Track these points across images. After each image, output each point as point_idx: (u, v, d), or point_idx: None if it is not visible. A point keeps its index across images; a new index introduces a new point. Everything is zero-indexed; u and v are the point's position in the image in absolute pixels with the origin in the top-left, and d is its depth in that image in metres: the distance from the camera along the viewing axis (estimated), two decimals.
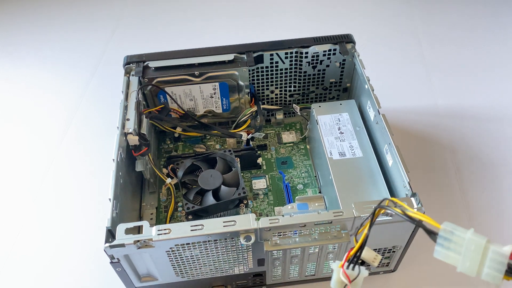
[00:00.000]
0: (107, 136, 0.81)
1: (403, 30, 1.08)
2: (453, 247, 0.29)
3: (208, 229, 0.48)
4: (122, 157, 0.59)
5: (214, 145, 0.78)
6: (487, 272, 0.29)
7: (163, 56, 0.71)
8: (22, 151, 0.84)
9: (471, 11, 1.13)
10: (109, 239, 0.48)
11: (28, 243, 0.69)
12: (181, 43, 1.00)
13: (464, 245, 0.29)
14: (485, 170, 0.76)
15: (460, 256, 0.29)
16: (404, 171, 0.54)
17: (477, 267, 0.29)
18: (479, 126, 0.84)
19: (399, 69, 0.97)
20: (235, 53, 0.70)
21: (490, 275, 0.29)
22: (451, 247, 0.29)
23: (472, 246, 0.29)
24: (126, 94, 0.66)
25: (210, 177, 0.64)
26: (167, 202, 0.70)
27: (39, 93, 0.96)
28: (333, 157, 0.63)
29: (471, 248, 0.29)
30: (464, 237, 0.29)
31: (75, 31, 1.14)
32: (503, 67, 0.96)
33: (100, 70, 1.01)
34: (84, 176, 0.78)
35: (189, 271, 0.55)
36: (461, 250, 0.29)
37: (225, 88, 0.72)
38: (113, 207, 0.51)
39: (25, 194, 0.76)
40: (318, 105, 0.71)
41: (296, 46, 0.71)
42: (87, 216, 0.71)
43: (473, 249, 0.29)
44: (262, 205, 0.69)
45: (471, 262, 0.29)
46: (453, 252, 0.29)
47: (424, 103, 0.89)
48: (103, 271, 0.62)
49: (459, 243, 0.29)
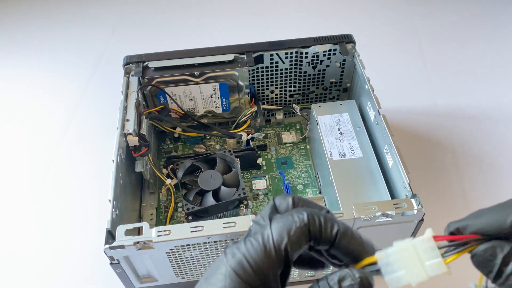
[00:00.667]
0: (107, 137, 0.81)
1: (403, 30, 1.08)
2: (396, 267, 0.29)
3: (208, 231, 0.48)
4: (122, 157, 0.59)
5: (214, 146, 0.78)
6: (429, 265, 0.28)
7: (163, 56, 0.70)
8: (22, 151, 0.84)
9: (471, 11, 1.13)
10: (109, 240, 0.48)
11: (28, 243, 0.69)
12: (181, 43, 1.00)
13: (400, 257, 0.29)
14: (485, 170, 0.76)
15: (404, 271, 0.28)
16: (404, 172, 0.54)
17: (422, 268, 0.28)
18: (479, 126, 0.84)
19: (399, 69, 0.97)
20: (235, 53, 0.70)
21: (433, 267, 0.28)
22: (394, 268, 0.29)
23: (405, 254, 0.29)
24: (126, 94, 0.66)
25: (210, 178, 0.64)
26: (167, 202, 0.69)
27: (39, 93, 0.96)
28: (333, 157, 0.63)
29: (405, 256, 0.29)
30: (398, 251, 0.29)
31: (75, 30, 1.13)
32: (503, 67, 0.96)
33: (100, 70, 1.01)
34: (84, 176, 0.78)
35: (189, 272, 0.55)
36: (402, 265, 0.29)
37: (225, 88, 0.72)
38: (112, 208, 0.51)
39: (25, 194, 0.76)
40: (318, 105, 0.70)
41: (296, 46, 0.71)
42: (87, 216, 0.71)
43: (407, 256, 0.29)
44: (262, 205, 0.69)
45: (414, 267, 0.28)
46: (399, 271, 0.29)
47: (424, 103, 0.89)
48: (103, 272, 0.62)
49: (396, 261, 0.29)
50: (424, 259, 0.29)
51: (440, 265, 0.28)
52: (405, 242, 0.29)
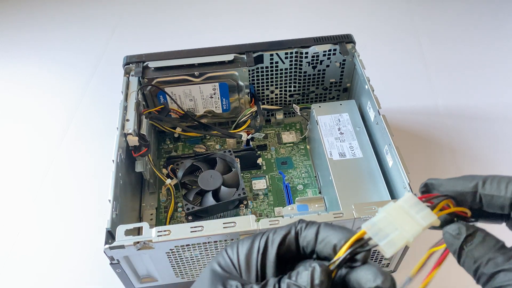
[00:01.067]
0: (107, 137, 0.81)
1: (403, 30, 1.08)
2: (388, 230, 0.29)
3: (208, 231, 0.48)
4: (121, 157, 0.59)
5: (214, 146, 0.78)
6: (420, 216, 0.29)
7: (163, 56, 0.70)
8: (22, 151, 0.84)
9: (471, 11, 1.13)
10: (109, 240, 0.48)
11: (28, 243, 0.69)
12: (181, 43, 1.00)
13: (389, 221, 0.29)
14: (485, 170, 0.76)
15: (398, 231, 0.29)
16: (404, 172, 0.54)
17: (414, 221, 0.29)
18: (479, 126, 0.84)
19: (399, 69, 0.97)
20: (235, 53, 0.70)
21: (424, 217, 0.29)
22: (387, 232, 0.29)
23: (393, 215, 0.30)
24: (126, 94, 0.66)
25: (210, 178, 0.64)
26: (167, 202, 0.69)
27: (39, 93, 0.96)
28: (333, 157, 0.63)
29: (394, 217, 0.29)
30: (384, 216, 0.30)
31: (75, 30, 1.13)
32: (504, 67, 0.96)
33: (100, 70, 1.01)
34: (84, 176, 0.78)
35: (189, 272, 0.55)
36: (393, 227, 0.29)
37: (225, 88, 0.72)
38: (112, 208, 0.51)
39: (25, 194, 0.76)
40: (318, 105, 0.70)
41: (296, 46, 0.71)
42: (87, 216, 0.71)
43: (395, 216, 0.30)
44: (262, 205, 0.69)
45: (406, 224, 0.29)
46: (391, 233, 0.29)
47: (424, 103, 0.89)
48: (103, 272, 0.62)
49: (386, 225, 0.29)
50: (413, 213, 0.29)
51: (430, 214, 0.29)
52: (389, 206, 0.30)
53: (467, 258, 0.29)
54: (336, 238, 0.30)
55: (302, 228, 0.32)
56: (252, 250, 0.32)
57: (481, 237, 0.29)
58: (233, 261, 0.33)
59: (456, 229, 0.30)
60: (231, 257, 0.33)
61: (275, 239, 0.32)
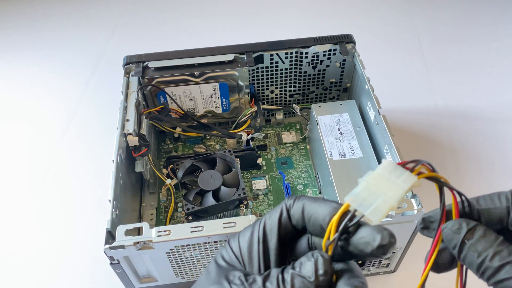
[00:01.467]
0: (107, 137, 0.81)
1: (403, 30, 1.08)
2: (371, 199, 0.29)
3: (208, 231, 0.48)
4: (121, 158, 0.59)
5: (214, 146, 0.78)
6: (402, 180, 0.29)
7: (163, 56, 0.70)
8: (22, 151, 0.84)
9: (471, 11, 1.13)
10: (109, 240, 0.48)
11: (28, 243, 0.69)
12: (181, 43, 1.00)
13: (371, 190, 0.29)
14: (485, 170, 0.76)
15: (381, 197, 0.29)
16: None
17: (396, 186, 0.29)
18: (479, 126, 0.84)
19: (399, 69, 0.97)
20: (235, 53, 0.70)
21: (406, 179, 0.29)
22: (370, 201, 0.29)
23: (374, 184, 0.30)
24: (126, 94, 0.66)
25: (210, 178, 0.64)
26: (167, 202, 0.69)
27: (39, 92, 0.96)
28: (333, 157, 0.63)
29: (376, 185, 0.29)
30: (366, 186, 0.30)
31: (75, 30, 1.13)
32: (504, 67, 0.96)
33: (100, 70, 1.01)
34: (84, 176, 0.78)
35: (189, 272, 0.55)
36: (376, 194, 0.29)
37: (225, 88, 0.72)
38: (112, 208, 0.51)
39: (25, 194, 0.76)
40: (318, 105, 0.70)
41: (296, 46, 0.71)
42: (87, 216, 0.71)
43: (377, 184, 0.30)
44: (262, 205, 0.69)
45: (389, 189, 0.29)
46: (375, 201, 0.29)
47: (424, 103, 0.89)
48: (103, 272, 0.62)
49: (369, 195, 0.29)
50: (394, 178, 0.29)
51: (411, 176, 0.29)
52: (368, 175, 0.30)
53: (469, 252, 0.29)
54: (321, 215, 0.30)
55: (290, 205, 0.33)
56: (253, 241, 0.33)
57: (481, 232, 0.29)
58: (236, 253, 0.33)
59: (456, 224, 0.30)
60: (233, 249, 0.33)
61: (272, 225, 0.32)
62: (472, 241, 0.29)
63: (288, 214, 0.33)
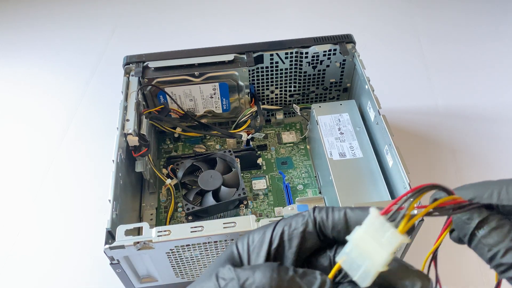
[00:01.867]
0: (107, 137, 0.81)
1: (403, 30, 1.08)
2: (360, 261, 0.27)
3: (208, 231, 0.48)
4: (121, 158, 0.59)
5: (214, 146, 0.78)
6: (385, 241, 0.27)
7: (163, 56, 0.70)
8: (22, 151, 0.84)
9: (471, 11, 1.13)
10: (109, 240, 0.48)
11: (28, 243, 0.69)
12: (181, 43, 1.00)
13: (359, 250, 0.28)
14: (485, 170, 0.76)
15: (368, 260, 0.27)
16: (405, 172, 0.54)
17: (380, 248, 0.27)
18: (479, 126, 0.84)
19: (399, 69, 0.97)
20: (235, 53, 0.70)
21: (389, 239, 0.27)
22: (359, 263, 0.27)
23: (361, 244, 0.27)
24: (126, 94, 0.66)
25: (210, 178, 0.64)
26: (167, 202, 0.69)
27: (39, 92, 0.96)
28: (333, 157, 0.63)
29: (363, 246, 0.27)
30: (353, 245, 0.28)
31: (75, 30, 1.13)
32: (504, 67, 0.96)
33: (100, 70, 1.01)
34: (84, 176, 0.78)
35: (189, 272, 0.55)
36: (363, 257, 0.27)
37: (225, 88, 0.72)
38: (112, 208, 0.51)
39: (25, 194, 0.76)
40: (318, 105, 0.70)
41: (296, 46, 0.71)
42: (87, 216, 0.71)
43: (364, 244, 0.27)
44: (262, 205, 0.69)
45: (374, 252, 0.27)
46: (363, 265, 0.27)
47: (424, 103, 0.89)
48: (103, 272, 0.62)
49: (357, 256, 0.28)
50: (378, 238, 0.27)
51: (395, 235, 0.27)
52: (356, 232, 0.28)
53: (479, 244, 0.27)
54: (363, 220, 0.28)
55: (323, 218, 0.30)
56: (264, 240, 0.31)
57: (494, 223, 0.27)
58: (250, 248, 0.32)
59: (466, 213, 0.28)
60: (249, 243, 0.32)
61: (293, 239, 0.30)
62: (483, 234, 0.27)
63: (315, 227, 0.30)
